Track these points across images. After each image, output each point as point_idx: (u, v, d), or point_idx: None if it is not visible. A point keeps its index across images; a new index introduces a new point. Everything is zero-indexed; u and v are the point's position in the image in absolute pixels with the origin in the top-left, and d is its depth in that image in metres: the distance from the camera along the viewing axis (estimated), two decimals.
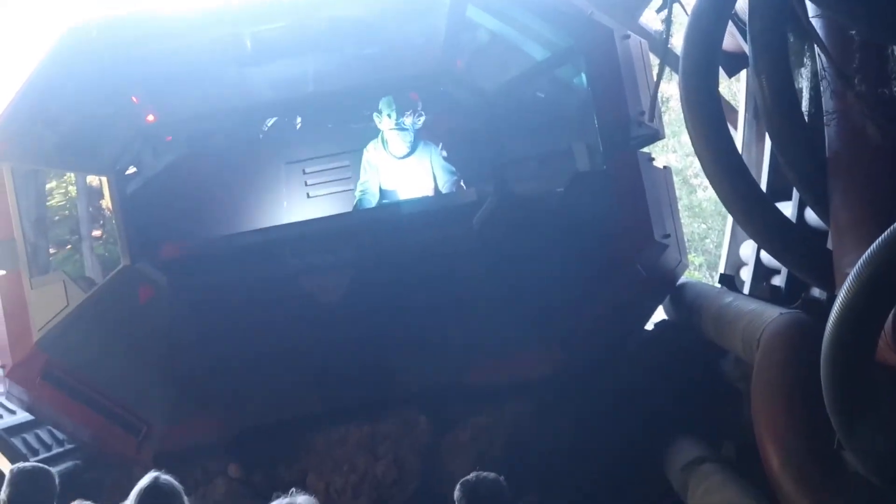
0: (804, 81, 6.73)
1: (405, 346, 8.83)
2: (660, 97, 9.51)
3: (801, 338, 6.01)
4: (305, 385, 8.85)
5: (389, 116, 10.18)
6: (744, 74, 10.77)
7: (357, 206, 10.52)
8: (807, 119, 6.37)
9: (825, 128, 5.95)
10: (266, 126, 11.54)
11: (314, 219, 10.24)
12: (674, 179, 10.32)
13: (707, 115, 6.52)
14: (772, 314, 6.62)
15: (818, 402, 5.16)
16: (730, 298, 8.30)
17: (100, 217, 10.92)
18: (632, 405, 9.02)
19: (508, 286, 8.83)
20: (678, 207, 10.29)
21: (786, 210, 8.23)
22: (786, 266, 7.14)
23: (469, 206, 8.98)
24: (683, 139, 24.02)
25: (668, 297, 9.87)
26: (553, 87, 10.62)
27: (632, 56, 9.50)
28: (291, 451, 9.06)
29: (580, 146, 9.72)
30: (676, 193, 10.24)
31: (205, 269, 9.01)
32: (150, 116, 9.62)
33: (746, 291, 9.64)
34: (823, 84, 5.95)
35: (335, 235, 9.18)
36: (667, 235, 9.21)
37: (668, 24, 9.02)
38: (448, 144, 10.89)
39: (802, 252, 6.56)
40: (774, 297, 8.33)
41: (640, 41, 9.96)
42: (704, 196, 24.30)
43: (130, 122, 9.40)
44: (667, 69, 9.62)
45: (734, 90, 13.22)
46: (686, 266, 9.94)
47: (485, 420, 9.03)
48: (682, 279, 9.98)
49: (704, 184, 24.60)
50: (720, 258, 12.95)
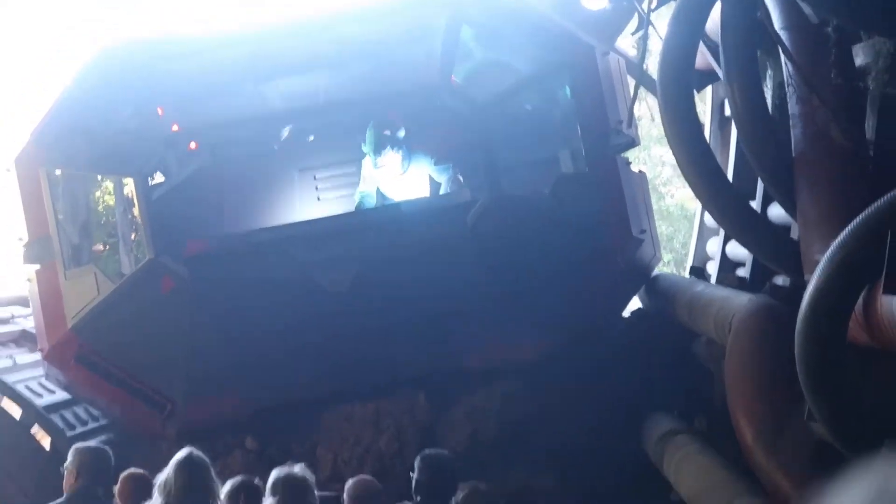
0: (771, 89, 6.65)
1: (406, 333, 8.83)
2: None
3: (770, 320, 5.99)
4: (315, 368, 8.86)
5: (369, 156, 10.11)
6: (708, 91, 10.77)
7: (357, 208, 10.42)
8: (774, 123, 6.26)
9: (791, 130, 5.90)
10: (281, 138, 11.54)
11: (322, 217, 10.23)
12: None
13: (685, 123, 6.50)
14: (742, 300, 6.63)
15: (786, 379, 5.20)
16: (701, 287, 8.38)
17: (135, 223, 10.83)
18: (612, 385, 9.06)
19: (499, 278, 8.84)
20: (652, 208, 10.22)
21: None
22: (755, 254, 7.13)
23: (463, 206, 8.99)
24: (653, 152, 24.07)
25: (644, 288, 9.92)
26: (540, 100, 10.68)
27: (611, 71, 9.53)
28: (303, 426, 9.07)
29: (565, 153, 9.72)
30: None
31: (223, 263, 9.00)
32: (175, 126, 9.66)
33: (713, 283, 9.65)
34: (790, 91, 5.88)
35: (342, 232, 9.20)
36: (643, 231, 9.23)
37: (644, 44, 9.06)
38: (443, 154, 10.70)
39: (770, 242, 6.55)
40: (741, 287, 8.38)
41: (618, 58, 10.01)
42: (672, 202, 24.36)
43: (156, 131, 9.42)
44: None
45: (700, 108, 13.12)
46: (659, 259, 10.05)
47: (478, 399, 9.03)
48: (656, 272, 10.02)
49: (671, 191, 24.69)
50: (687, 255, 13.04)
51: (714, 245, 11.12)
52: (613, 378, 9.05)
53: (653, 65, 9.55)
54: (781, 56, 6.03)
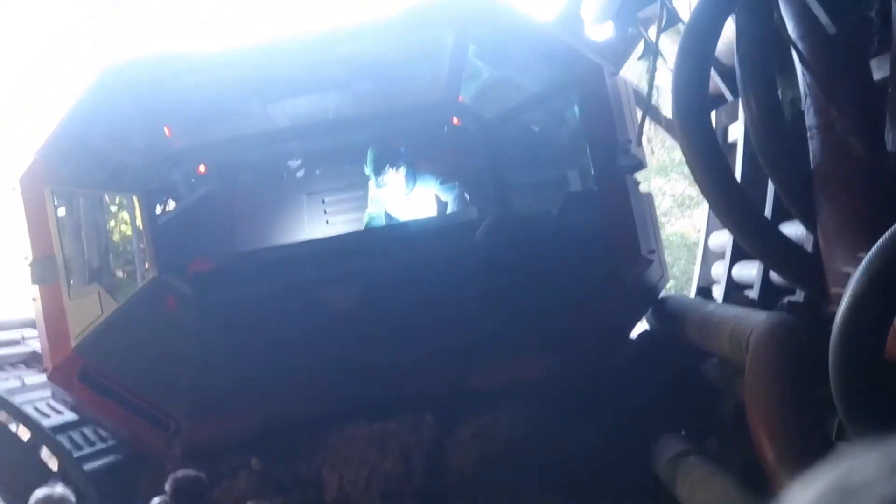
0: (786, 103, 6.35)
1: (412, 352, 8.49)
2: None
3: (789, 336, 5.69)
4: (321, 386, 8.54)
5: (370, 176, 9.96)
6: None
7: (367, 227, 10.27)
8: (791, 135, 5.97)
9: (809, 142, 5.57)
10: (289, 162, 11.57)
11: (329, 237, 10.05)
12: None
13: (704, 143, 6.13)
14: (758, 317, 6.27)
15: (809, 396, 5.06)
16: (712, 307, 8.04)
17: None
18: (620, 405, 8.65)
19: (507, 296, 8.50)
20: (659, 230, 9.87)
21: None
22: (777, 271, 6.71)
23: (470, 224, 8.75)
24: (653, 183, 23.78)
25: (651, 310, 9.52)
26: (548, 121, 10.36)
27: (619, 91, 9.23)
28: (308, 447, 8.69)
29: (573, 172, 9.46)
30: None
31: (228, 281, 8.76)
32: (178, 144, 9.49)
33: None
34: (807, 102, 5.58)
35: (347, 251, 8.96)
36: (651, 251, 8.88)
37: (653, 72, 8.84)
38: (449, 172, 10.50)
39: (790, 257, 6.20)
40: (752, 306, 7.99)
41: (625, 80, 9.77)
42: (671, 230, 24.02)
43: (162, 150, 9.20)
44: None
45: None
46: (667, 281, 9.74)
47: (485, 420, 8.65)
48: (663, 294, 9.65)
49: (671, 220, 24.40)
50: (689, 282, 12.80)
51: (719, 268, 10.82)
52: (622, 398, 8.64)
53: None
54: (797, 67, 5.74)
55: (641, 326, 10.02)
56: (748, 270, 9.46)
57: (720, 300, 9.80)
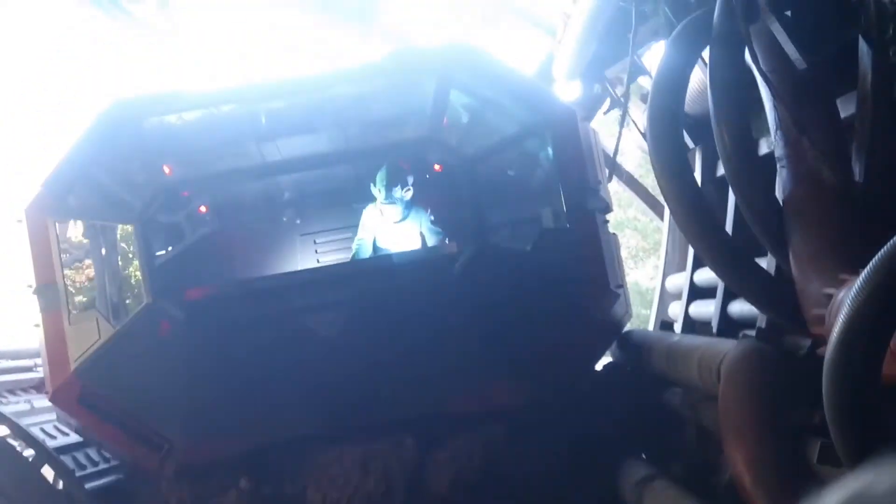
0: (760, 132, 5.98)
1: (394, 377, 8.26)
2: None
3: (762, 361, 5.52)
4: (307, 409, 8.25)
5: (380, 191, 9.81)
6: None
7: (354, 257, 10.27)
8: (764, 166, 5.68)
9: (779, 173, 5.24)
10: (283, 204, 11.61)
11: (317, 267, 9.89)
12: None
13: (680, 178, 6.01)
14: (726, 345, 6.12)
15: (785, 421, 4.84)
16: (677, 337, 8.06)
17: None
18: (588, 432, 8.46)
19: (484, 326, 8.30)
20: (623, 269, 9.84)
21: None
22: (751, 300, 6.26)
23: (450, 257, 8.50)
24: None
25: (616, 342, 9.34)
26: (522, 163, 10.32)
27: (589, 137, 9.16)
28: (295, 467, 8.41)
29: (546, 211, 9.31)
30: None
31: (220, 308, 8.51)
32: (167, 169, 9.28)
33: None
34: (777, 134, 5.18)
35: (334, 281, 8.68)
36: (619, 286, 8.78)
37: (622, 126, 8.61)
38: (434, 208, 10.54)
39: (768, 287, 5.93)
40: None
41: (593, 129, 9.73)
42: (629, 279, 23.68)
43: (157, 181, 8.98)
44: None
45: None
46: (630, 316, 9.45)
47: (460, 442, 8.37)
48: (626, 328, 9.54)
49: (626, 271, 24.06)
50: (644, 324, 12.58)
51: (675, 308, 10.94)
52: (589, 425, 8.46)
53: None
54: (767, 101, 5.30)
55: (605, 360, 9.78)
56: (705, 308, 9.40)
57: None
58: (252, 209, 11.57)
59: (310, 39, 23.79)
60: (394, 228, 10.00)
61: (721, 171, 7.81)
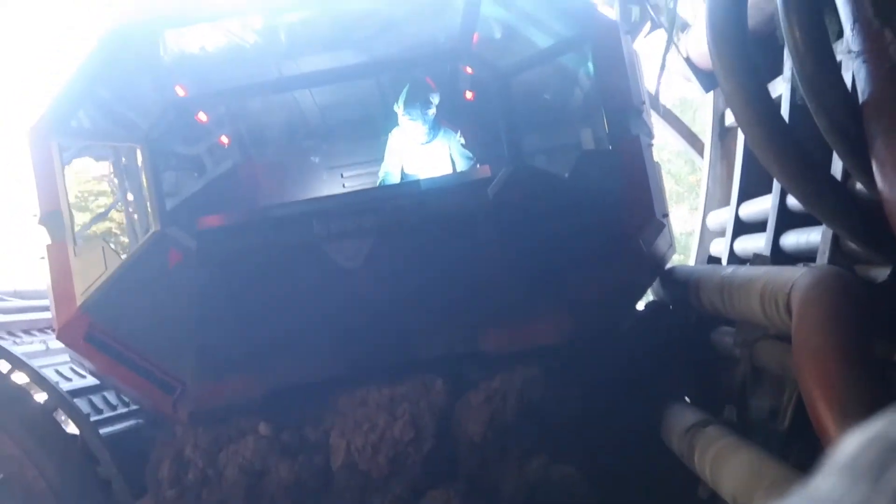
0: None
1: (422, 313, 7.65)
2: None
3: (844, 287, 4.69)
4: (329, 348, 7.65)
5: (401, 107, 9.22)
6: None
7: (380, 184, 9.68)
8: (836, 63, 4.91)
9: (856, 72, 4.55)
10: (308, 134, 11.23)
11: (341, 193, 9.23)
12: None
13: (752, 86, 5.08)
14: (794, 272, 5.25)
15: (871, 352, 4.27)
16: (730, 269, 6.97)
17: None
18: (631, 375, 7.84)
19: (519, 257, 7.61)
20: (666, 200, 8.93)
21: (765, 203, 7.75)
22: (832, 225, 5.50)
23: (483, 182, 7.77)
24: None
25: (658, 279, 8.64)
26: (560, 84, 9.56)
27: (631, 53, 8.31)
28: (317, 411, 7.82)
29: (587, 132, 8.63)
30: None
31: (234, 237, 7.82)
32: (182, 91, 8.50)
33: None
34: (855, 28, 4.46)
35: (358, 208, 7.92)
36: (665, 215, 8.00)
37: (666, 53, 7.86)
38: (464, 128, 9.90)
39: (833, 199, 5.09)
40: None
41: (635, 50, 8.86)
42: None
43: (164, 98, 8.21)
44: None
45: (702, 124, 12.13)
46: (674, 251, 8.71)
47: (496, 384, 7.67)
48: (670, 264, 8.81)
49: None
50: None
51: (717, 246, 10.17)
52: (633, 368, 7.85)
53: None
54: None
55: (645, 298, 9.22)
56: (752, 243, 8.64)
57: None
58: (276, 142, 11.17)
59: None
60: (421, 151, 9.47)
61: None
